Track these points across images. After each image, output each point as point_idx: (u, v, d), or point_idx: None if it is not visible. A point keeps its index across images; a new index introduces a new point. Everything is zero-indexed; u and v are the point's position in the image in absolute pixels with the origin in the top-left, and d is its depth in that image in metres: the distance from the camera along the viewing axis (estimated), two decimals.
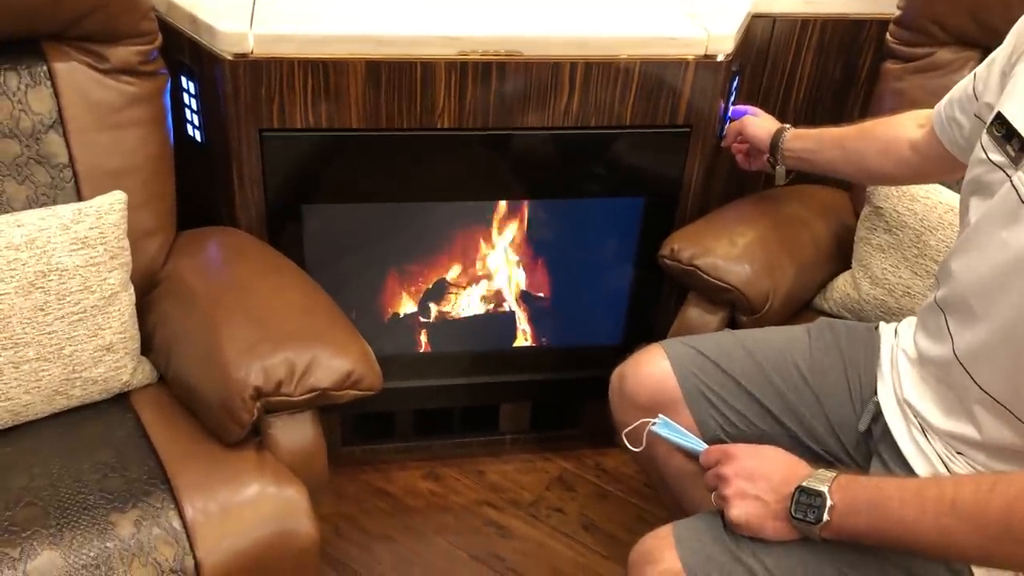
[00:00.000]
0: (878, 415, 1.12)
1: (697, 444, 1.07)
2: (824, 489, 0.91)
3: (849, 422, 1.15)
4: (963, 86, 1.11)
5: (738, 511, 0.96)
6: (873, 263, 1.46)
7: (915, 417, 1.06)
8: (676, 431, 1.09)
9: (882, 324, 1.21)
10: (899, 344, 1.14)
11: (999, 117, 0.95)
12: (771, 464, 0.98)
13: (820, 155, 1.37)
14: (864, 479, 0.92)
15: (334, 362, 1.15)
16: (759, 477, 0.97)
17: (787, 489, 0.94)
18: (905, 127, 1.25)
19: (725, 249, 1.45)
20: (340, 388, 1.14)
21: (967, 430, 0.98)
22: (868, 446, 1.14)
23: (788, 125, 1.44)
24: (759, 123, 1.48)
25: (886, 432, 1.09)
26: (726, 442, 1.14)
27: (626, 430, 1.13)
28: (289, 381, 1.12)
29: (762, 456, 1.00)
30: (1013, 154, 0.92)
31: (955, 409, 1.00)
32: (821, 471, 0.95)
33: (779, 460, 0.99)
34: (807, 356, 1.19)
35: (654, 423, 1.09)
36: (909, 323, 1.14)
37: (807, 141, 1.40)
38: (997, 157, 0.95)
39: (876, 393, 1.13)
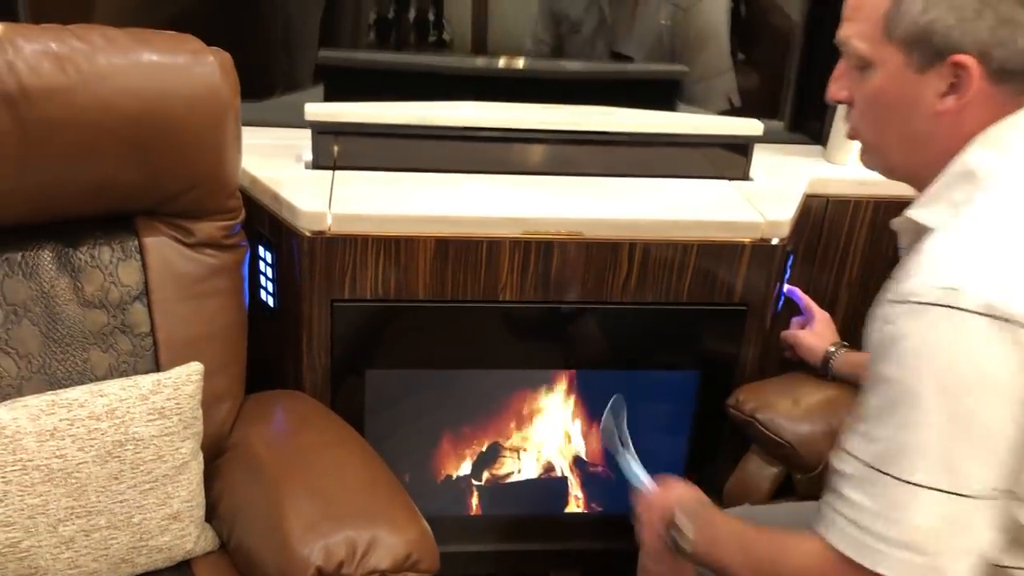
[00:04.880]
0: None
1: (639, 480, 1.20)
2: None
3: None
4: None
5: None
6: None
7: None
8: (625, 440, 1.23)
9: None
10: None
11: None
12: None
13: None
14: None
15: (393, 542, 1.15)
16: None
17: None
18: None
19: (787, 407, 1.49)
20: (398, 570, 1.15)
21: None
22: None
23: (839, 345, 1.50)
24: (811, 344, 1.52)
25: None
26: None
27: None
28: (350, 562, 1.13)
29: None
30: None
31: None
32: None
33: None
34: None
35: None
36: None
37: (859, 371, 1.43)
38: None
39: None
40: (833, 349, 1.49)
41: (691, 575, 1.11)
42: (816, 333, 1.53)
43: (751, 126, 1.61)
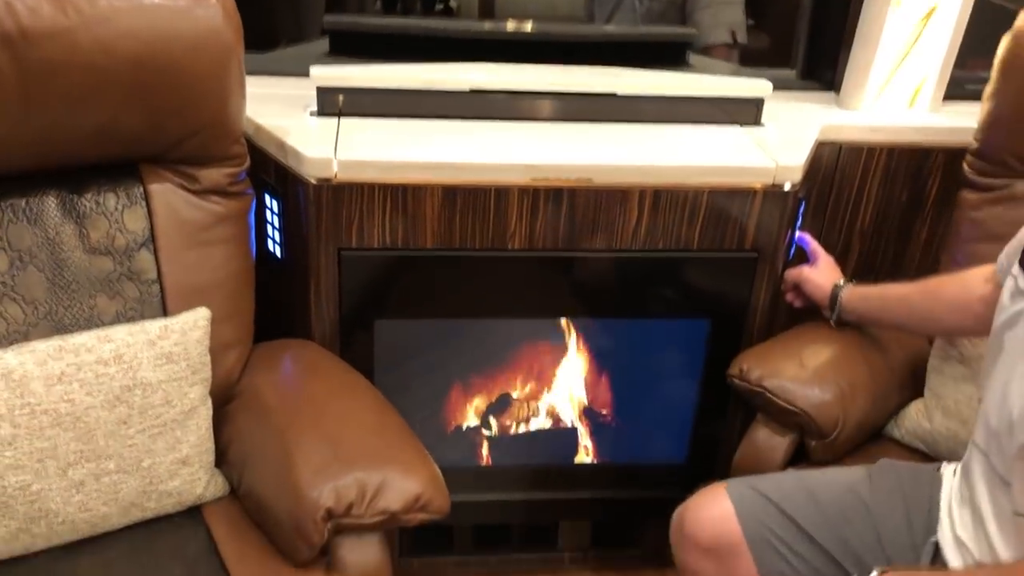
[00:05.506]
0: (936, 556, 1.12)
1: None
2: None
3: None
4: (1020, 236, 1.14)
5: None
6: (946, 394, 1.44)
7: (970, 556, 1.06)
8: None
9: (945, 465, 1.22)
10: (955, 484, 1.15)
11: None
12: None
13: (884, 315, 1.41)
14: None
15: (404, 484, 1.16)
16: None
17: None
18: (973, 285, 1.26)
19: (795, 371, 1.43)
20: (409, 511, 1.15)
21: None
22: None
23: (844, 282, 1.47)
24: (817, 280, 1.50)
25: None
26: None
27: None
28: (360, 503, 1.13)
29: None
30: None
31: (1003, 547, 1.02)
32: None
33: None
34: (869, 499, 1.19)
35: None
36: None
37: (869, 302, 1.43)
38: None
39: (935, 534, 1.13)
40: (841, 283, 1.47)
41: None
42: (820, 271, 1.52)
43: (760, 87, 1.59)
